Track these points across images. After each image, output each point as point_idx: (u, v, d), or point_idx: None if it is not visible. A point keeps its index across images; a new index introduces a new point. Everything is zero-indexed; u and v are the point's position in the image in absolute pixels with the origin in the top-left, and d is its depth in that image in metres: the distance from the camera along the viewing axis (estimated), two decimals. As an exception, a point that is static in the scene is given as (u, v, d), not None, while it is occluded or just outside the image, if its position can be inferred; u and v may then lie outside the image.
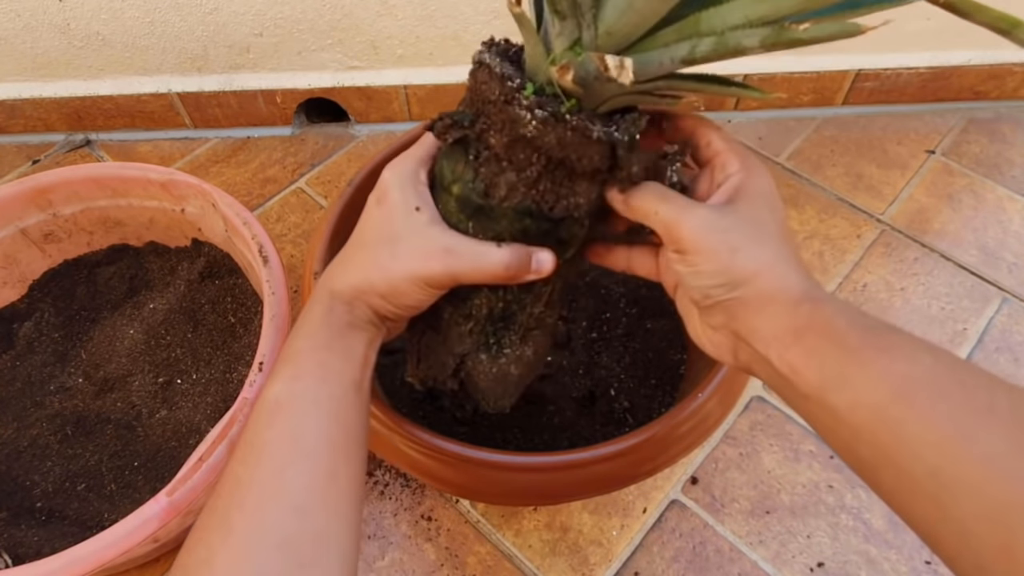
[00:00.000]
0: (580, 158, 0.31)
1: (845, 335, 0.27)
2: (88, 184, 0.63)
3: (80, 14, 0.76)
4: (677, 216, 0.30)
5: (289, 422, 0.31)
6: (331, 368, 0.33)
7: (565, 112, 0.30)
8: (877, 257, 0.75)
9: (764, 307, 0.29)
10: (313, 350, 0.33)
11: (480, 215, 0.34)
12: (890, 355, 0.25)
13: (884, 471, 0.25)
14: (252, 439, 0.31)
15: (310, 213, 0.81)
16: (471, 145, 0.33)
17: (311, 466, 0.30)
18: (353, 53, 0.81)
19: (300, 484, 0.29)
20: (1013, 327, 0.70)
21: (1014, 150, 0.85)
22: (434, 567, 0.57)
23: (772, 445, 0.62)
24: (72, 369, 0.64)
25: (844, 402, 0.26)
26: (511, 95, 0.30)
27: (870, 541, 0.57)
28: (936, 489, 0.23)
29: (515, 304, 0.37)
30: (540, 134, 0.30)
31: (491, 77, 0.31)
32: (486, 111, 0.32)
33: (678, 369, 0.58)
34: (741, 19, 0.26)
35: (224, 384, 0.60)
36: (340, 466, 0.31)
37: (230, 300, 0.65)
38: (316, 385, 0.32)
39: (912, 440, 0.24)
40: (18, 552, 0.52)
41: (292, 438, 0.30)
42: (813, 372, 0.27)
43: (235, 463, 0.31)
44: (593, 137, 0.30)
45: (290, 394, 0.32)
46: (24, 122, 0.87)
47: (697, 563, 0.56)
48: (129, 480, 0.57)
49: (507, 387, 0.40)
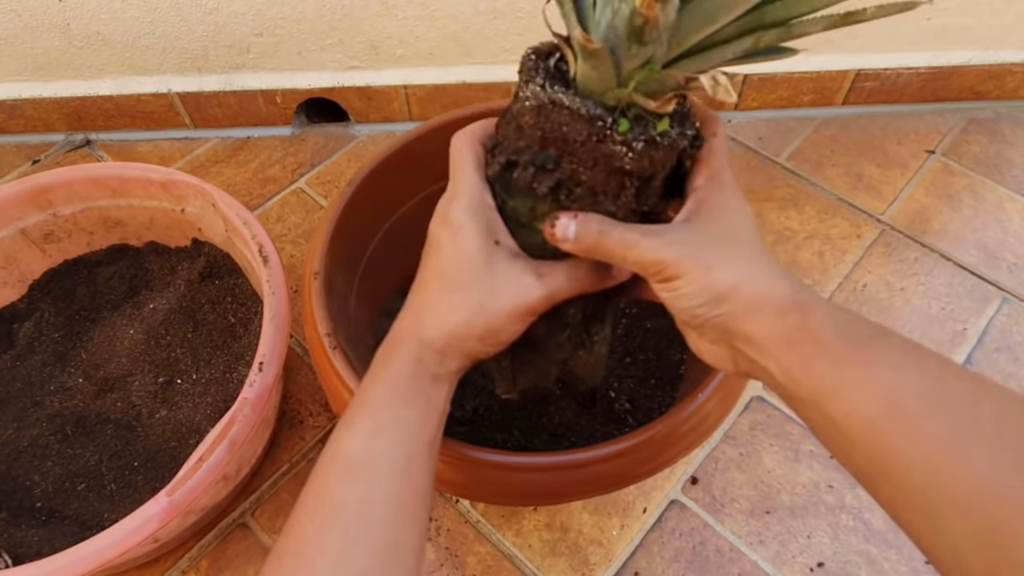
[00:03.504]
0: (665, 165, 0.31)
1: (833, 346, 0.27)
2: (88, 184, 0.63)
3: (80, 14, 0.76)
4: (648, 254, 0.30)
5: (364, 485, 0.30)
6: (412, 426, 0.32)
7: (656, 134, 0.29)
8: (877, 257, 0.75)
9: (753, 318, 0.29)
10: (394, 405, 0.32)
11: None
12: (877, 367, 0.26)
13: (880, 482, 0.25)
14: (325, 495, 0.31)
15: (310, 213, 0.81)
16: (562, 186, 0.32)
17: (378, 535, 0.30)
18: (353, 53, 0.81)
19: (366, 557, 0.29)
20: (1013, 327, 0.70)
21: (1014, 150, 0.85)
22: (434, 567, 0.57)
23: (772, 445, 0.62)
24: (72, 369, 0.64)
25: (839, 413, 0.26)
26: (602, 134, 0.29)
27: (870, 541, 0.57)
28: (927, 507, 0.23)
29: (602, 299, 0.37)
30: (638, 162, 0.29)
31: (574, 118, 0.29)
32: (570, 150, 0.30)
33: (678, 369, 0.58)
34: (806, 7, 0.26)
35: (224, 384, 0.60)
36: (406, 533, 0.31)
37: (230, 300, 0.65)
38: (395, 446, 0.31)
39: (901, 456, 0.24)
40: (18, 552, 0.52)
41: (365, 502, 0.30)
42: (808, 380, 0.27)
43: (304, 517, 0.31)
44: (680, 147, 0.30)
45: (368, 454, 0.31)
46: (24, 122, 0.87)
47: (697, 563, 0.56)
48: (129, 480, 0.57)
49: (601, 364, 0.41)
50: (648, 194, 0.32)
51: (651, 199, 0.33)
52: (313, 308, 0.47)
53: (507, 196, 0.34)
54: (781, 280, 0.29)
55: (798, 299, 0.28)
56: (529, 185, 0.32)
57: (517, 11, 0.75)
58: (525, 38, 0.78)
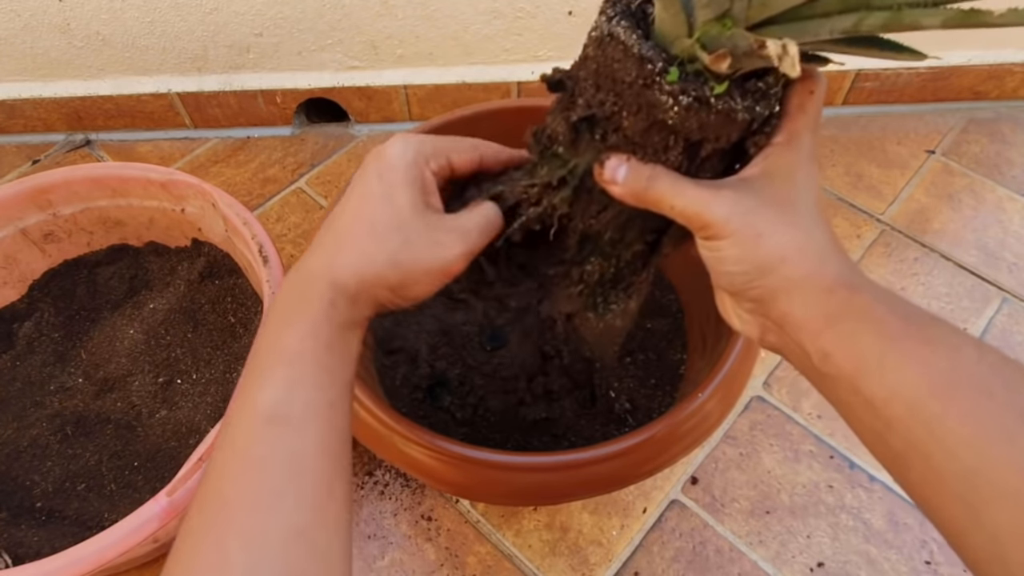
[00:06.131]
0: (719, 137, 0.28)
1: (884, 322, 0.25)
2: (88, 184, 0.63)
3: (80, 14, 0.76)
4: (696, 206, 0.28)
5: (289, 437, 0.28)
6: (333, 373, 0.30)
7: (711, 95, 0.27)
8: (877, 257, 0.75)
9: (793, 293, 0.27)
10: (314, 351, 0.30)
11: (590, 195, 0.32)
12: (932, 347, 0.24)
13: (915, 466, 0.24)
14: (243, 451, 0.28)
15: (310, 213, 0.81)
16: (598, 124, 0.30)
17: (311, 483, 0.28)
18: (353, 53, 0.81)
19: (302, 506, 0.27)
20: (1013, 327, 0.70)
21: (1014, 150, 0.85)
22: (434, 567, 0.57)
23: (772, 445, 0.62)
24: (72, 369, 0.64)
25: (880, 391, 0.25)
26: (650, 79, 0.27)
27: (870, 541, 0.57)
28: (968, 492, 0.22)
29: (627, 269, 0.36)
30: (682, 119, 0.27)
31: (626, 56, 0.27)
32: (617, 90, 0.28)
33: (678, 369, 0.58)
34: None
35: (224, 384, 0.60)
36: (336, 479, 0.29)
37: (230, 300, 0.65)
38: (317, 395, 0.29)
39: (948, 438, 0.23)
40: (18, 552, 0.52)
41: (291, 455, 0.28)
42: (847, 358, 0.26)
43: (220, 478, 0.28)
44: (738, 119, 0.27)
45: (288, 404, 0.29)
46: (24, 122, 0.87)
47: (697, 563, 0.56)
48: (129, 480, 0.57)
49: (612, 338, 0.40)
50: (698, 163, 0.30)
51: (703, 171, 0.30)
52: (313, 308, 0.47)
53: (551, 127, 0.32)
54: (833, 257, 0.28)
55: (849, 279, 0.27)
56: (566, 113, 0.31)
57: (517, 11, 0.75)
58: (525, 38, 0.78)
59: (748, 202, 0.28)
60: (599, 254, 0.35)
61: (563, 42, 0.79)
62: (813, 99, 0.29)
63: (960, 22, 0.22)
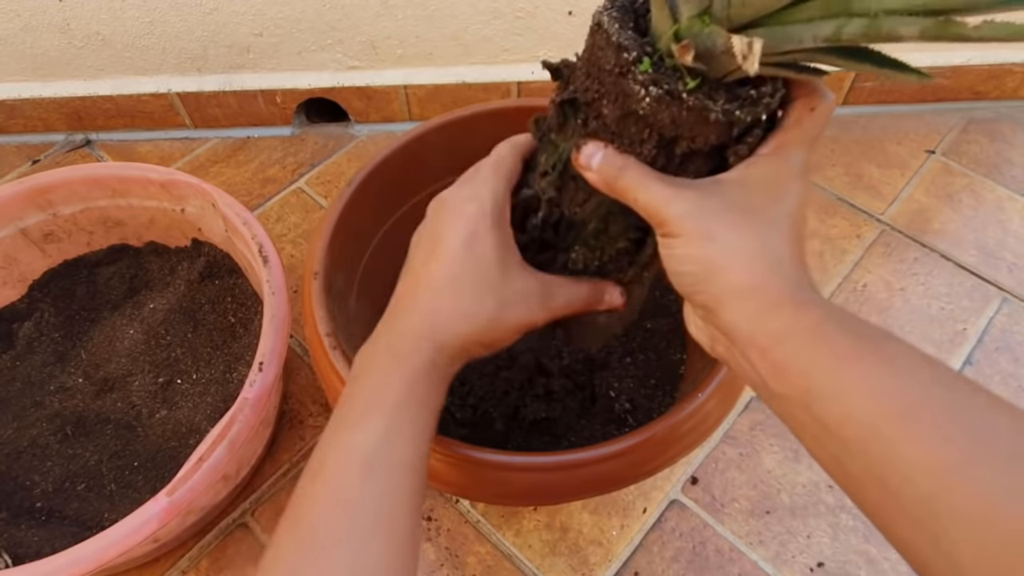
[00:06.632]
0: (695, 137, 0.28)
1: (834, 341, 0.25)
2: (88, 184, 0.63)
3: (80, 14, 0.76)
4: (656, 202, 0.28)
5: (381, 484, 0.30)
6: (425, 427, 0.32)
7: (683, 91, 0.27)
8: (877, 257, 0.75)
9: (738, 304, 0.27)
10: (408, 405, 0.32)
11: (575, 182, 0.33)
12: (886, 368, 0.24)
13: (871, 490, 0.24)
14: (338, 494, 0.30)
15: (310, 213, 0.81)
16: (580, 109, 0.31)
17: (395, 529, 0.30)
18: (353, 53, 0.81)
19: (384, 549, 0.29)
20: (1013, 327, 0.70)
21: (1014, 150, 0.85)
22: (434, 567, 0.57)
23: (772, 445, 0.62)
24: (72, 369, 0.64)
25: (833, 413, 0.24)
26: (626, 67, 0.27)
27: (870, 541, 0.57)
28: (927, 517, 0.22)
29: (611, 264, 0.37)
30: (653, 112, 0.27)
31: (607, 44, 0.28)
32: (600, 77, 0.29)
33: (678, 369, 0.58)
34: (901, 3, 0.22)
35: (224, 384, 0.60)
36: (416, 524, 0.31)
37: (230, 300, 0.65)
38: (410, 446, 0.31)
39: (904, 462, 0.22)
40: (18, 552, 0.52)
41: (382, 500, 0.30)
42: (798, 377, 0.25)
43: (313, 512, 0.30)
44: (711, 118, 0.27)
45: (384, 454, 0.31)
46: (24, 122, 0.87)
47: (697, 563, 0.56)
48: (129, 480, 0.57)
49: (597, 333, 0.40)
50: (677, 162, 0.30)
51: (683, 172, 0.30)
52: (313, 308, 0.47)
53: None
54: (787, 272, 0.27)
55: (797, 296, 0.26)
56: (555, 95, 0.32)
57: (517, 11, 0.75)
58: (525, 38, 0.78)
59: (709, 204, 0.27)
60: (583, 244, 0.36)
61: (563, 42, 0.79)
62: (813, 116, 0.28)
63: (937, 33, 0.22)
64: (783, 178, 0.28)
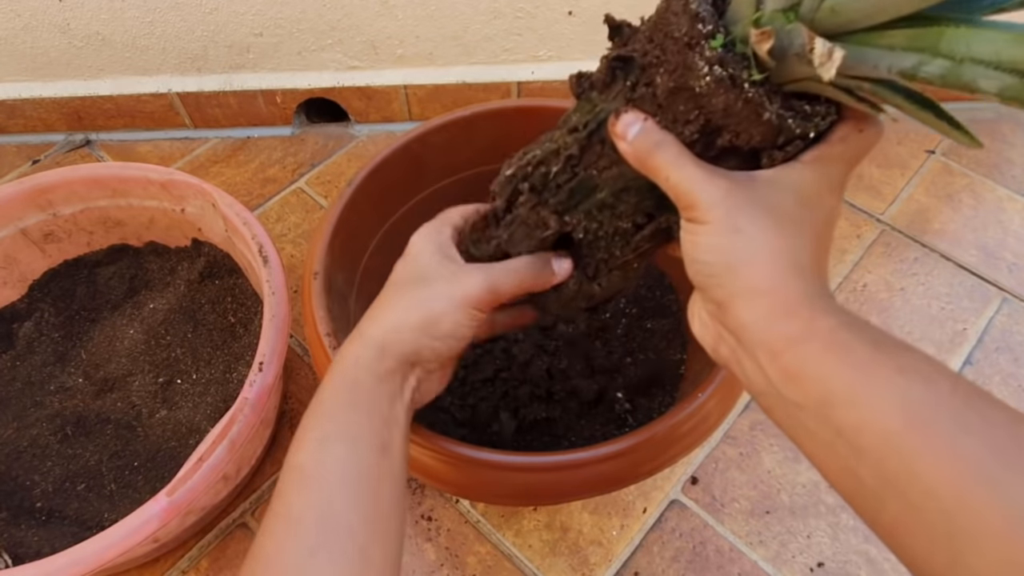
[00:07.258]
0: (740, 133, 0.28)
1: (851, 348, 0.24)
2: (88, 184, 0.63)
3: (80, 14, 0.76)
4: (689, 184, 0.28)
5: (316, 496, 0.29)
6: (360, 432, 0.31)
7: (746, 80, 0.26)
8: (877, 257, 0.75)
9: (752, 303, 0.26)
10: (339, 408, 0.31)
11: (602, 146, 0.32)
12: (904, 376, 0.23)
13: (889, 502, 0.23)
14: (281, 509, 0.30)
15: (310, 213, 0.81)
16: (632, 71, 0.30)
17: (341, 546, 0.29)
18: (353, 53, 0.81)
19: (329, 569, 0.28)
20: (1013, 327, 0.70)
21: (1014, 150, 0.85)
22: (434, 567, 0.57)
23: (772, 445, 0.62)
24: (72, 369, 0.64)
25: (849, 421, 0.23)
26: (696, 39, 0.26)
27: (870, 541, 0.57)
28: (949, 533, 0.21)
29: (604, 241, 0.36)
30: (709, 93, 0.27)
31: (683, 11, 0.27)
32: (664, 44, 0.28)
33: (678, 369, 0.58)
34: (990, 55, 0.21)
35: (224, 384, 0.60)
36: (373, 547, 0.29)
37: (230, 300, 0.65)
38: (345, 454, 0.31)
39: (926, 475, 0.21)
40: (18, 552, 0.52)
41: (322, 514, 0.29)
42: (813, 383, 0.24)
43: (264, 533, 0.30)
44: (763, 117, 0.27)
45: (316, 462, 0.30)
46: (24, 122, 0.87)
47: (697, 563, 0.56)
48: (129, 480, 0.57)
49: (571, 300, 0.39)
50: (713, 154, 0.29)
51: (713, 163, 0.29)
52: (313, 308, 0.47)
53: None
54: (806, 278, 0.26)
55: (815, 302, 0.26)
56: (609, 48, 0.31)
57: (517, 11, 0.75)
58: (525, 38, 0.78)
59: (741, 197, 0.27)
60: (583, 212, 0.35)
61: (563, 42, 0.79)
62: (860, 137, 0.28)
63: (1016, 95, 0.20)
64: (819, 189, 0.28)
